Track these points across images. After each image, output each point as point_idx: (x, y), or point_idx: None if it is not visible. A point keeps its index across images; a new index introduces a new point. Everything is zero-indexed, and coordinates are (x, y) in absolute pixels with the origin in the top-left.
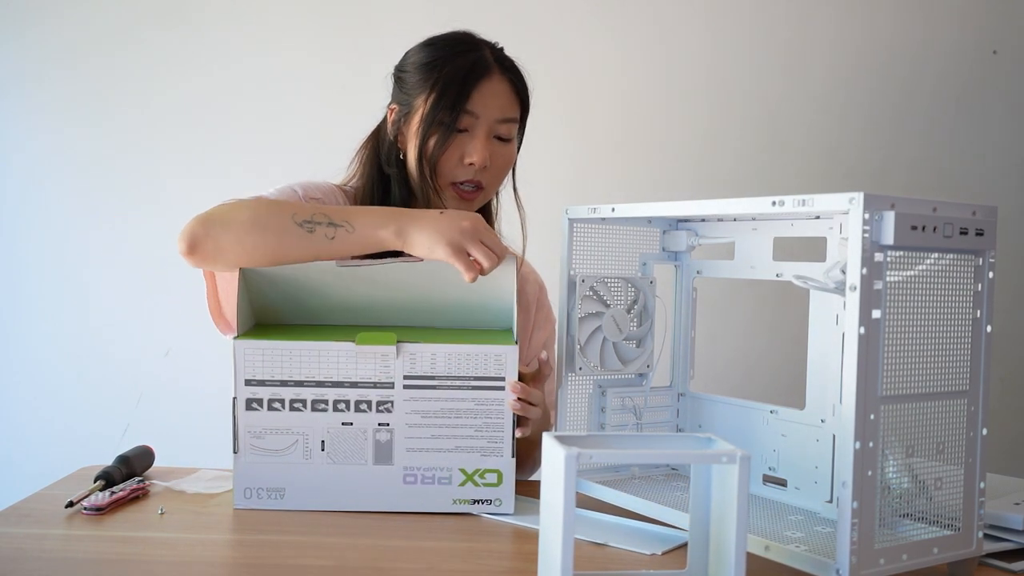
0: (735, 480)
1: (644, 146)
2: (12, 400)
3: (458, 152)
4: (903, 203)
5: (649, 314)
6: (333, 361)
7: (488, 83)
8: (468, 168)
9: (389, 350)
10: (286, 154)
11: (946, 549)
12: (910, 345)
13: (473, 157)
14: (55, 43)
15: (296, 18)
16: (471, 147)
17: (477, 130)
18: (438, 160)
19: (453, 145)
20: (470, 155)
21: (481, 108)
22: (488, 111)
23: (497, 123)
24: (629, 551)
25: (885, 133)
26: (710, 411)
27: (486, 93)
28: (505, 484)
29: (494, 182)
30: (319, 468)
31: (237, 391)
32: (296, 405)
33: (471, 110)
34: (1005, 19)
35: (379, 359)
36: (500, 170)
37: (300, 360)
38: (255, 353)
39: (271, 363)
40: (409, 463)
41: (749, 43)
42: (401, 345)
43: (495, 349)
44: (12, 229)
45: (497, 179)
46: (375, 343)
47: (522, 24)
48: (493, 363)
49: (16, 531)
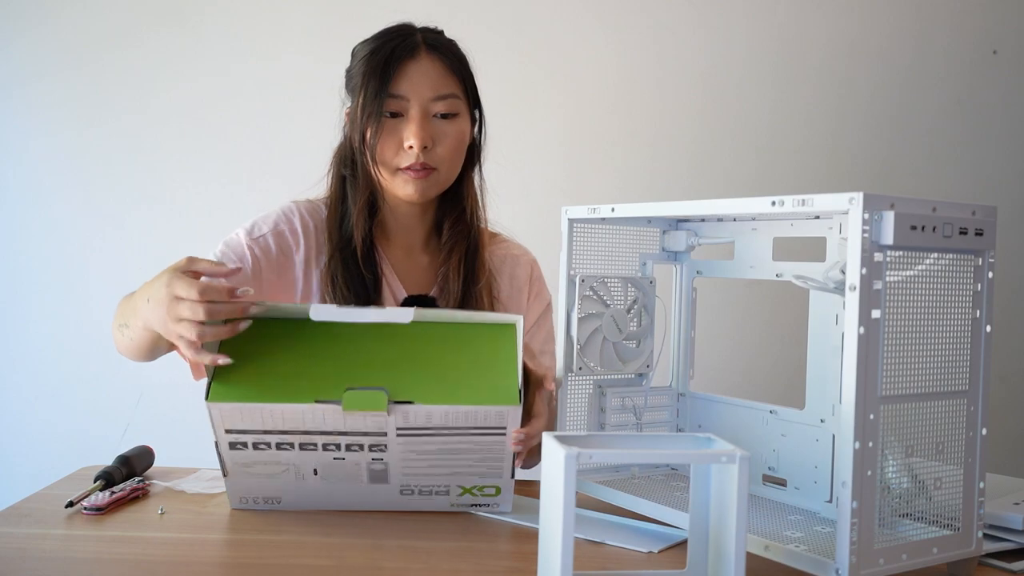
0: (735, 480)
1: (644, 146)
2: (12, 400)
3: (396, 138)
4: (903, 203)
5: (649, 314)
6: (319, 418)
7: (413, 64)
8: (409, 152)
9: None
10: (286, 155)
11: (946, 549)
12: (910, 345)
13: (410, 139)
14: (56, 45)
15: (296, 21)
16: (407, 130)
17: (411, 112)
18: (377, 149)
19: (388, 131)
20: (407, 138)
21: (409, 90)
22: (418, 91)
23: (432, 102)
24: (626, 549)
25: (885, 133)
26: (710, 411)
27: (412, 74)
28: (504, 493)
29: (446, 161)
30: (314, 485)
31: (218, 437)
32: (284, 446)
33: (398, 93)
34: (1005, 19)
35: (370, 415)
36: (450, 148)
37: (283, 418)
38: (233, 412)
39: (251, 419)
40: (406, 482)
41: (749, 43)
42: (394, 406)
43: (496, 409)
44: (12, 229)
45: (450, 158)
46: (364, 408)
47: (521, 24)
48: (494, 418)
49: (16, 531)
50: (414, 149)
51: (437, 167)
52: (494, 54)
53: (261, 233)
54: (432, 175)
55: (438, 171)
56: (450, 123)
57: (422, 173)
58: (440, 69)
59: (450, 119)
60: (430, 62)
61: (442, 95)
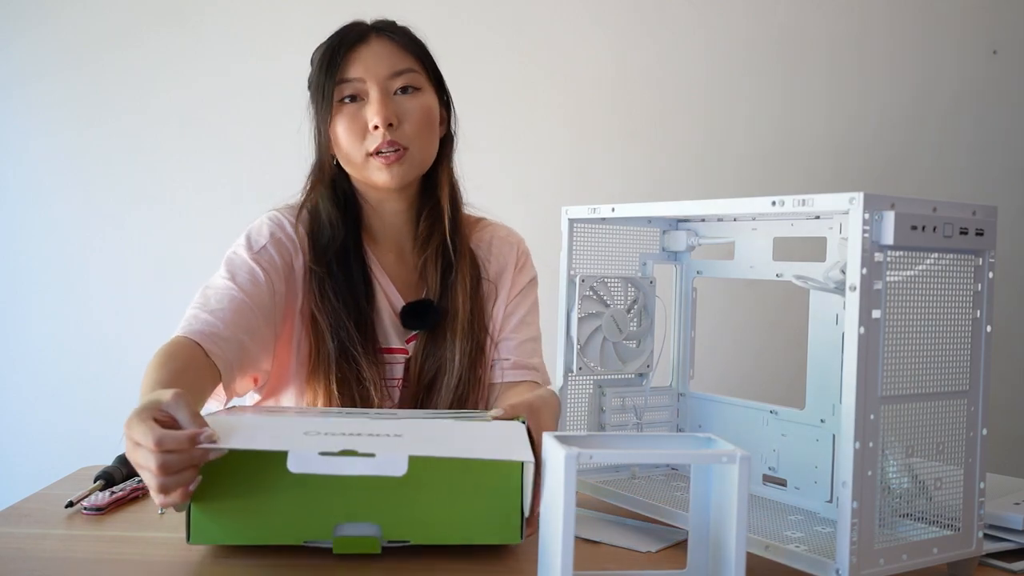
0: (735, 480)
1: (644, 146)
2: (12, 400)
3: (359, 123)
4: (903, 203)
5: (649, 314)
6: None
7: (364, 47)
8: (375, 133)
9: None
10: (286, 157)
11: (946, 549)
12: (910, 345)
13: (373, 119)
14: (57, 45)
15: (296, 21)
16: (368, 111)
17: (370, 93)
18: (344, 137)
19: (350, 118)
20: (370, 119)
21: (363, 71)
22: (373, 70)
23: (389, 79)
24: (624, 549)
25: (885, 133)
26: (710, 411)
27: (364, 56)
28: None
29: (416, 138)
30: None
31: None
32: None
33: (353, 77)
34: (1005, 19)
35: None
36: (418, 124)
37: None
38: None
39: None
40: None
41: (749, 43)
42: (389, 547)
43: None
44: (13, 229)
45: (419, 135)
46: (355, 551)
47: (522, 24)
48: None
49: (16, 531)
50: (379, 128)
51: (408, 145)
52: (494, 54)
53: (261, 245)
54: (405, 156)
55: (410, 151)
56: (412, 98)
57: (393, 156)
58: (393, 47)
59: (411, 93)
60: (381, 43)
61: (399, 70)
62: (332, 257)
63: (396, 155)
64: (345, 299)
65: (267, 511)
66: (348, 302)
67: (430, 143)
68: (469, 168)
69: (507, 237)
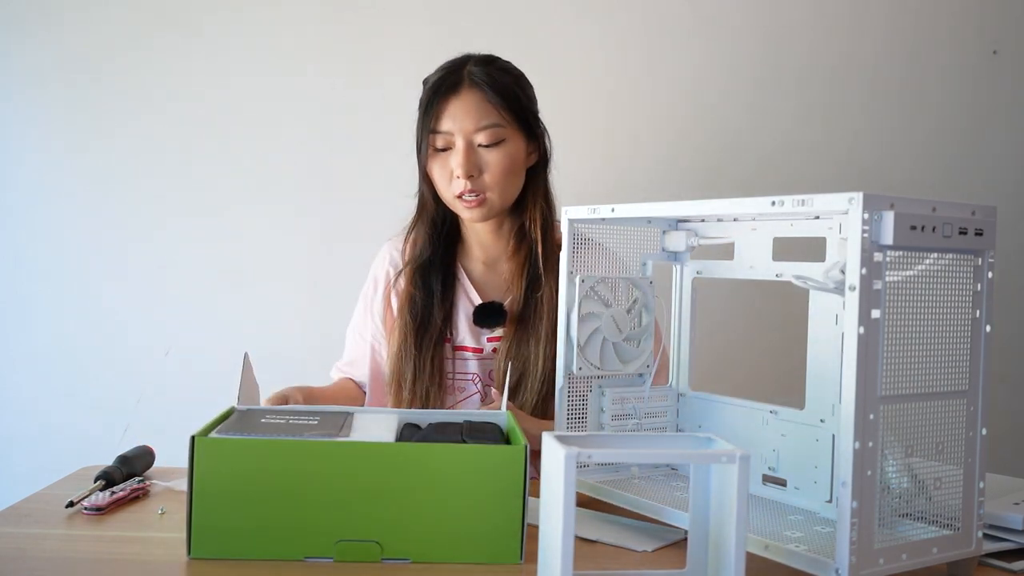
0: (735, 480)
1: (644, 146)
2: (13, 400)
3: (447, 170)
4: (902, 203)
5: (649, 314)
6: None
7: (455, 100)
8: (459, 181)
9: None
10: (288, 161)
11: (945, 549)
12: (909, 345)
13: (457, 171)
14: (63, 49)
15: (302, 31)
16: (454, 162)
17: (456, 145)
18: (435, 182)
19: (441, 164)
20: (455, 169)
21: (451, 125)
22: (460, 125)
23: (474, 133)
24: (624, 548)
25: (885, 133)
26: (710, 411)
27: (455, 110)
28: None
29: (496, 187)
30: None
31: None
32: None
33: (442, 130)
34: (1005, 19)
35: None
36: (497, 174)
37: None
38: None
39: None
40: None
41: (750, 44)
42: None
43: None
44: (14, 229)
45: (499, 183)
46: (357, 559)
47: (523, 24)
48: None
49: (16, 531)
50: (461, 178)
51: (489, 193)
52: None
53: (374, 290)
54: (485, 201)
55: (489, 197)
56: (494, 151)
57: (474, 201)
58: (480, 101)
59: (494, 147)
60: (471, 96)
61: (483, 126)
62: (418, 270)
63: (477, 200)
64: (418, 305)
65: (268, 527)
66: (420, 307)
67: (510, 187)
68: None
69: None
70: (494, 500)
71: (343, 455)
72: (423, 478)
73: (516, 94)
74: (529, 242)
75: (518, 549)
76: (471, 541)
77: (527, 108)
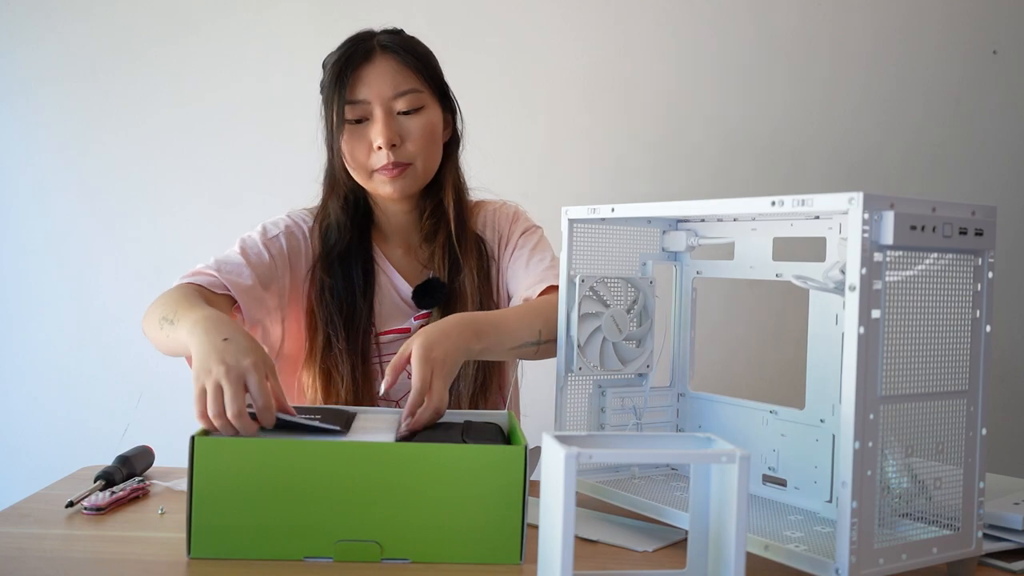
0: (735, 480)
1: (644, 146)
2: (13, 400)
3: (365, 141)
4: (902, 203)
5: (649, 314)
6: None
7: (369, 67)
8: (379, 153)
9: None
10: (289, 162)
11: (945, 549)
12: (909, 345)
13: (377, 140)
14: (63, 51)
15: (302, 31)
16: (373, 132)
17: (374, 114)
18: (349, 156)
19: (357, 137)
20: (374, 139)
21: (367, 92)
22: (377, 91)
23: (392, 100)
24: (624, 548)
25: (885, 133)
26: (710, 411)
27: (369, 77)
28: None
29: (420, 154)
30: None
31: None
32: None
33: (358, 99)
34: (1005, 19)
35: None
36: (421, 140)
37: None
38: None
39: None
40: None
41: (750, 44)
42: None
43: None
44: (16, 229)
45: (421, 151)
46: (357, 559)
47: (522, 24)
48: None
49: (16, 531)
50: (383, 149)
51: (411, 162)
52: (495, 54)
53: (273, 235)
54: (408, 171)
55: (413, 166)
56: (414, 117)
57: (395, 171)
58: (396, 66)
59: (414, 113)
60: (385, 62)
61: (401, 91)
62: (335, 258)
63: (399, 170)
64: (340, 296)
65: (268, 527)
66: (343, 298)
67: (432, 156)
68: (469, 169)
69: (500, 209)
70: (494, 500)
71: (343, 455)
72: (423, 478)
73: (431, 60)
74: (447, 224)
75: (518, 549)
76: (471, 541)
77: (441, 78)
